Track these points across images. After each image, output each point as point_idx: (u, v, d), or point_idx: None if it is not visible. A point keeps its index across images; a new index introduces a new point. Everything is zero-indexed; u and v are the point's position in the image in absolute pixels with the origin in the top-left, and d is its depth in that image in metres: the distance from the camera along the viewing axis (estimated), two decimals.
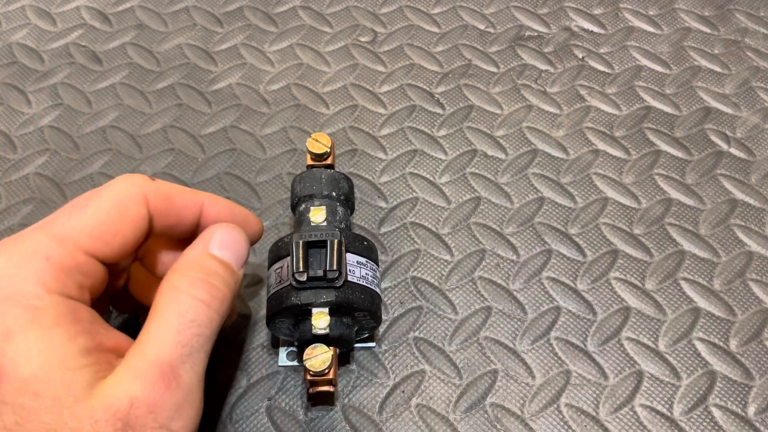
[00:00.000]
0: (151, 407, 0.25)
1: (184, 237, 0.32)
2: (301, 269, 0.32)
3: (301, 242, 0.33)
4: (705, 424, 0.36)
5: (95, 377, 0.25)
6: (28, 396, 0.24)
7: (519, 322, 0.39)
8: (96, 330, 0.27)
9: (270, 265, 0.35)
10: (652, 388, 0.37)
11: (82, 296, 0.27)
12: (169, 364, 0.26)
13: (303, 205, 0.36)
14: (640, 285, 0.40)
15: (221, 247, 0.30)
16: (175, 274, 0.29)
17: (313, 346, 0.32)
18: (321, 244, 0.33)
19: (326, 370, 0.32)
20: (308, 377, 0.32)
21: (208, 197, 0.32)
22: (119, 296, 0.34)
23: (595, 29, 0.51)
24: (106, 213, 0.28)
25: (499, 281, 0.40)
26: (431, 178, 0.44)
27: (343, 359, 0.37)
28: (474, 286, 0.40)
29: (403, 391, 0.37)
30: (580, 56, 0.50)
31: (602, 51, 0.50)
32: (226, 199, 0.33)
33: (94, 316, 0.27)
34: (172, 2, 0.53)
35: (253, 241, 0.34)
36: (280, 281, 0.34)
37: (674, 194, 0.43)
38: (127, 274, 0.34)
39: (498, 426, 0.36)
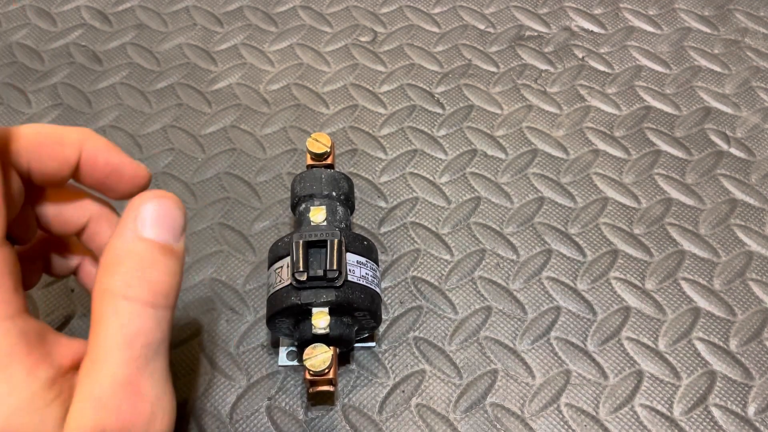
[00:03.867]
0: (124, 430, 0.23)
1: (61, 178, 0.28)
2: (301, 269, 0.32)
3: (301, 242, 0.33)
4: (705, 423, 0.36)
5: (63, 409, 0.23)
6: None
7: (519, 322, 0.39)
8: (50, 350, 0.24)
9: (270, 264, 0.35)
10: (652, 388, 0.37)
11: (20, 302, 0.24)
12: (129, 382, 0.24)
13: (303, 205, 0.36)
14: (640, 285, 0.40)
15: (154, 225, 0.25)
16: (105, 274, 0.25)
17: (313, 345, 0.32)
18: (321, 244, 0.33)
19: (326, 370, 0.32)
20: (308, 377, 0.32)
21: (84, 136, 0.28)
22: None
23: (595, 29, 0.51)
24: None
25: (499, 281, 0.40)
26: (431, 178, 0.44)
27: (343, 359, 0.37)
28: (474, 286, 0.40)
29: (403, 391, 0.37)
30: (580, 56, 0.50)
31: (602, 51, 0.50)
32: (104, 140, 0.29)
33: (42, 328, 0.25)
34: (172, 2, 0.53)
35: (144, 185, 0.30)
36: (280, 281, 0.34)
37: (674, 194, 0.43)
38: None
39: (498, 426, 0.36)
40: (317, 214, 0.35)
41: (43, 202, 0.30)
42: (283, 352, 0.38)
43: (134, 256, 0.25)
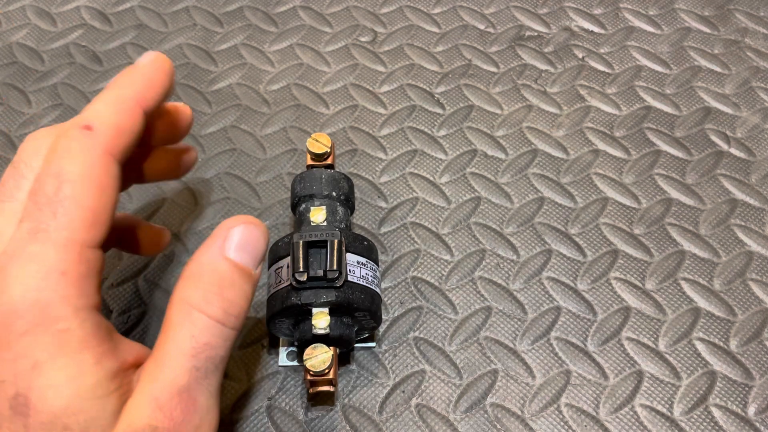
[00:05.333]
0: None
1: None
2: (301, 269, 0.32)
3: (301, 242, 0.33)
4: (705, 424, 0.36)
5: (120, 402, 0.25)
6: (57, 429, 0.23)
7: (519, 322, 0.39)
8: (116, 346, 0.26)
9: (270, 265, 0.35)
10: (652, 388, 0.37)
11: (98, 300, 0.26)
12: (187, 389, 0.25)
13: (303, 205, 0.36)
14: (640, 285, 0.40)
15: (239, 249, 0.27)
16: (187, 284, 0.27)
17: (313, 346, 0.32)
18: (321, 244, 0.33)
19: (326, 370, 0.32)
20: (308, 377, 0.32)
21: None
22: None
23: (595, 29, 0.51)
24: (88, 196, 0.26)
25: (499, 281, 0.40)
26: (431, 178, 0.44)
27: (343, 359, 0.37)
28: (474, 286, 0.40)
29: (403, 391, 0.37)
30: (580, 56, 0.50)
31: (602, 51, 0.50)
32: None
33: (110, 327, 0.27)
34: (172, 2, 0.53)
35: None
36: (280, 281, 0.34)
37: (674, 194, 0.43)
38: None
39: (498, 426, 0.36)
40: (317, 215, 0.35)
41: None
42: (283, 352, 0.38)
43: (216, 273, 0.27)
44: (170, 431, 0.25)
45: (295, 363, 0.37)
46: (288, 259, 0.33)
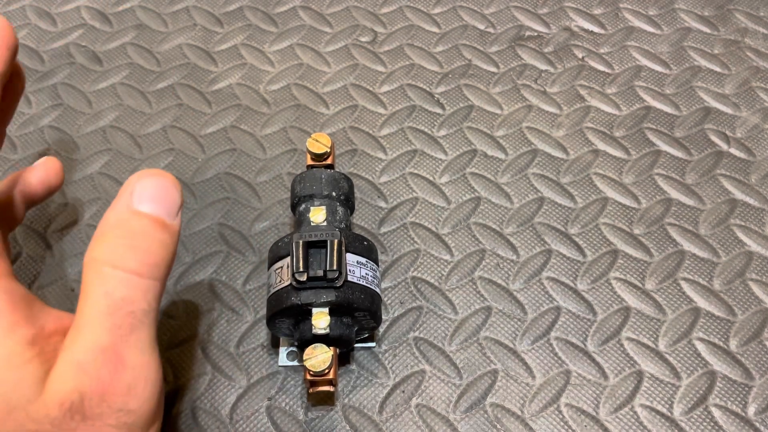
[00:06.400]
0: (103, 396, 0.24)
1: None
2: (301, 269, 0.32)
3: (301, 242, 0.33)
4: (705, 424, 0.36)
5: (43, 369, 0.24)
6: None
7: (519, 322, 0.39)
8: (33, 313, 0.25)
9: (270, 265, 0.35)
10: (652, 388, 0.37)
11: (6, 266, 0.25)
12: (111, 349, 0.24)
13: (303, 205, 0.36)
14: (640, 285, 0.40)
15: (149, 201, 0.26)
16: (96, 243, 0.25)
17: (313, 346, 0.32)
18: (321, 244, 0.33)
19: (326, 370, 0.32)
20: (308, 377, 0.32)
21: None
22: None
23: (595, 29, 0.51)
24: None
25: (499, 281, 0.40)
26: (431, 178, 0.44)
27: (343, 359, 0.37)
28: (474, 286, 0.40)
29: (403, 391, 0.37)
30: (580, 56, 0.50)
31: (602, 51, 0.50)
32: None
33: (28, 294, 0.26)
34: (172, 2, 0.53)
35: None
36: (280, 281, 0.34)
37: (674, 194, 0.43)
38: None
39: (498, 426, 0.36)
40: (317, 215, 0.35)
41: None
42: (283, 352, 0.38)
43: (125, 227, 0.25)
44: (100, 394, 0.24)
45: (295, 363, 0.37)
46: (288, 259, 0.34)
